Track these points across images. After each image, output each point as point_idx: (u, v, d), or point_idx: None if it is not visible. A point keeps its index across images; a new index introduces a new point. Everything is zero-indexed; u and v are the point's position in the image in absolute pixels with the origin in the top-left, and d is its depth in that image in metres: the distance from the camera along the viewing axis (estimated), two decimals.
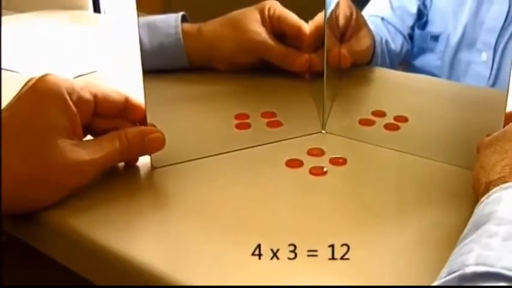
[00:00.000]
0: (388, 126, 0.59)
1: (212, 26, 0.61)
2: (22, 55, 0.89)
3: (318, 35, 0.61)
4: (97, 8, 1.16)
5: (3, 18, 1.06)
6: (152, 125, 0.51)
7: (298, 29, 0.63)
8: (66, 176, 0.46)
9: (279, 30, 0.64)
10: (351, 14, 0.60)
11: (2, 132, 0.44)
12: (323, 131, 0.60)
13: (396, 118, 0.60)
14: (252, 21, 0.63)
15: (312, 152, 0.55)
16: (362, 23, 0.61)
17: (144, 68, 0.50)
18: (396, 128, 0.59)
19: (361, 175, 0.52)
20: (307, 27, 0.63)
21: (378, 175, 0.52)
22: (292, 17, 0.63)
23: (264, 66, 0.65)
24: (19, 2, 1.21)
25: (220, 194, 0.49)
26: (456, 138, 0.55)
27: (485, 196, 0.38)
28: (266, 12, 0.63)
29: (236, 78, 0.63)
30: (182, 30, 0.57)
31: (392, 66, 0.62)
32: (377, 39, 0.61)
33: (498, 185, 0.38)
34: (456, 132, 0.55)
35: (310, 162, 0.53)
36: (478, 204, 0.38)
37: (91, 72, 0.79)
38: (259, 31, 0.63)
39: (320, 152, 0.55)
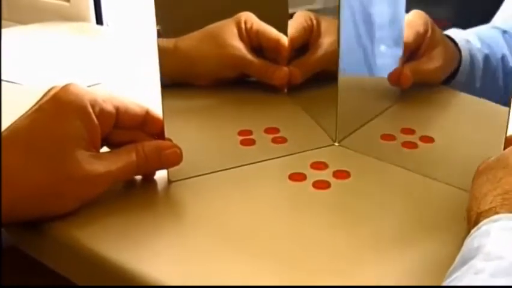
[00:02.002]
0: (406, 144, 0.57)
1: (189, 41, 0.60)
2: (24, 67, 0.89)
3: (294, 46, 0.61)
4: (99, 20, 1.16)
5: (6, 29, 1.06)
6: (169, 140, 0.51)
7: (277, 42, 0.63)
8: (81, 188, 0.46)
9: (257, 44, 0.64)
10: (425, 32, 0.57)
11: (21, 141, 0.44)
12: (336, 144, 0.59)
13: (422, 138, 0.58)
14: (230, 36, 0.62)
15: (316, 166, 0.55)
16: (437, 41, 0.58)
17: (162, 82, 0.49)
18: (414, 146, 0.57)
19: (365, 191, 0.51)
20: (286, 40, 0.62)
21: (383, 192, 0.51)
22: (270, 30, 0.63)
23: (243, 80, 0.65)
24: (22, 13, 1.21)
25: (233, 208, 0.49)
26: (464, 161, 0.53)
27: (475, 228, 0.37)
28: (243, 26, 0.62)
29: (252, 90, 0.63)
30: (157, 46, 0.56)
31: (507, 86, 0.56)
32: (478, 55, 0.56)
33: (489, 216, 0.37)
34: (466, 155, 0.52)
35: (314, 175, 0.53)
36: (468, 237, 0.37)
37: (94, 85, 0.79)
38: (238, 46, 0.63)
39: (324, 166, 0.55)
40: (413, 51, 0.58)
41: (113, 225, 0.46)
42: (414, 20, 0.57)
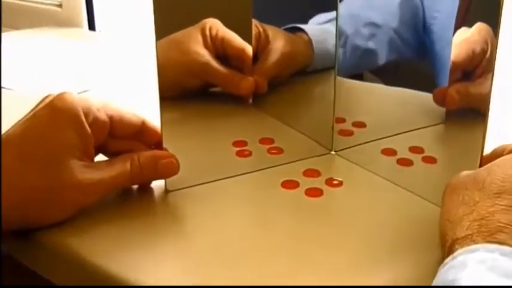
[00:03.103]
0: (400, 161, 0.57)
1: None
2: (16, 72, 0.88)
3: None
4: (92, 26, 1.15)
5: None
6: (166, 150, 0.51)
7: (242, 51, 0.62)
8: (74, 196, 0.46)
9: (221, 52, 0.63)
10: (483, 51, 0.48)
11: (15, 148, 0.44)
12: (332, 152, 0.60)
13: (425, 158, 0.56)
14: (195, 43, 0.61)
15: (309, 173, 0.55)
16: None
17: (161, 92, 0.49)
18: (409, 164, 0.56)
19: (355, 202, 0.52)
20: (250, 49, 0.62)
21: (372, 205, 0.51)
22: (236, 39, 0.62)
23: (207, 91, 0.64)
24: (14, 19, 1.20)
25: (227, 218, 0.49)
26: None
27: (450, 257, 0.35)
28: (207, 33, 0.61)
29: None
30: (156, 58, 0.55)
31: None
32: None
33: (465, 244, 0.36)
34: None
35: (307, 183, 0.54)
36: (442, 266, 0.35)
37: (86, 91, 0.79)
38: (203, 52, 0.62)
39: (317, 174, 0.55)
40: (468, 71, 0.51)
41: (109, 234, 0.46)
42: (472, 37, 0.49)
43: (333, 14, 0.59)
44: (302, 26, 0.63)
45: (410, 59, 0.61)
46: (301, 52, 0.63)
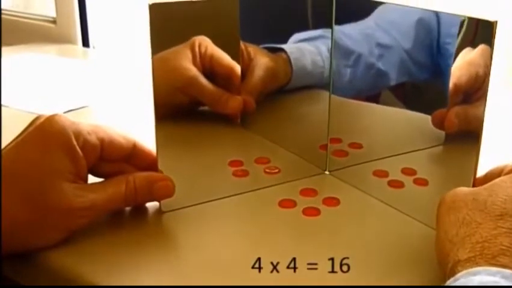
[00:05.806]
0: (392, 183, 0.56)
1: None
2: (10, 89, 0.88)
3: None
4: (85, 42, 1.15)
5: None
6: (161, 171, 0.51)
7: (231, 70, 0.62)
8: (66, 220, 0.46)
9: (209, 70, 0.62)
10: (485, 74, 0.46)
11: (5, 172, 0.44)
12: (326, 172, 0.60)
13: (416, 180, 0.56)
14: (184, 59, 0.60)
15: (305, 193, 0.55)
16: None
17: (156, 113, 0.49)
18: (400, 186, 0.56)
19: (350, 222, 0.52)
20: (239, 68, 0.62)
21: (370, 226, 0.52)
22: (225, 57, 0.61)
23: (196, 110, 0.63)
24: (7, 35, 1.20)
25: (223, 238, 0.49)
26: None
27: (452, 279, 0.35)
28: (197, 49, 0.60)
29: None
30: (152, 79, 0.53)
31: None
32: None
33: (467, 266, 0.35)
34: None
35: (304, 202, 0.54)
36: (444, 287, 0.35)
37: (82, 107, 0.79)
38: (190, 67, 0.61)
39: (314, 193, 0.56)
40: (468, 94, 0.50)
41: (104, 254, 0.46)
42: (475, 59, 0.48)
43: (309, 33, 0.60)
44: (280, 45, 0.63)
45: (423, 81, 0.60)
46: (281, 69, 0.63)
